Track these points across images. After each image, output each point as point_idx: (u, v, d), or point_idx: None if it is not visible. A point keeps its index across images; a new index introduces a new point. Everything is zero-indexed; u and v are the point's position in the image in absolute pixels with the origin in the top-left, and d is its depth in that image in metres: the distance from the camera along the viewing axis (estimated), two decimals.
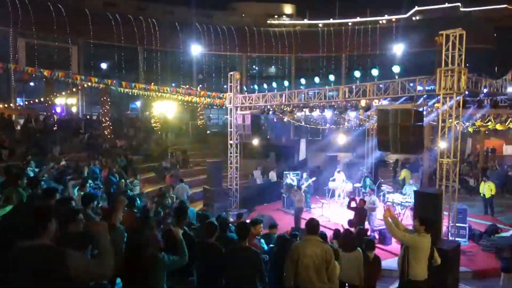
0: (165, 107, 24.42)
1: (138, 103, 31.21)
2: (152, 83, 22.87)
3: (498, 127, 15.51)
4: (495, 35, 31.93)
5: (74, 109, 26.69)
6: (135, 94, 22.42)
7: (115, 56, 30.65)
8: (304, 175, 16.37)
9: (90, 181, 10.53)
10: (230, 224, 6.30)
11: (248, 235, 4.63)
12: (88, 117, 26.20)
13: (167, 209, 9.43)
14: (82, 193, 9.07)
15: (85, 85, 21.73)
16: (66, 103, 25.10)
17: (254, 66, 36.90)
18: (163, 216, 7.67)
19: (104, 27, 28.77)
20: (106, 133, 20.70)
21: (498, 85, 10.61)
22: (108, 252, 2.54)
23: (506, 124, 15.04)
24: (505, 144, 23.79)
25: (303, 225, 10.86)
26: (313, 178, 16.27)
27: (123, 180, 11.80)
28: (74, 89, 23.39)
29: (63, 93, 23.67)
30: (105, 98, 21.55)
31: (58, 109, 23.55)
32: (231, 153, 15.94)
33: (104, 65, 30.09)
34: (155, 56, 31.79)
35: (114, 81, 20.89)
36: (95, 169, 13.69)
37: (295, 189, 14.11)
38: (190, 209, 8.49)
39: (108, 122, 21.20)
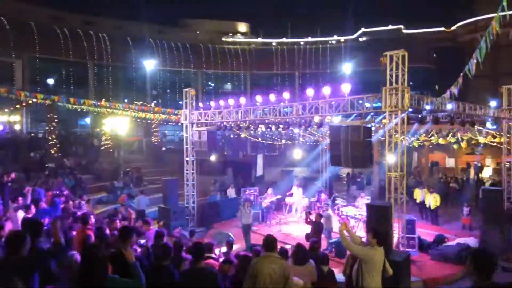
0: (117, 124, 23.59)
1: (88, 120, 29.95)
2: (103, 99, 22.11)
3: (441, 141, 16.64)
4: (434, 55, 34.48)
5: (17, 127, 25.10)
6: (84, 111, 21.53)
7: (63, 71, 29.37)
8: (269, 190, 16.40)
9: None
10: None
11: (204, 255, 4.54)
12: (33, 135, 24.74)
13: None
14: (27, 216, 8.51)
15: (30, 102, 20.56)
16: (8, 120, 23.60)
17: (209, 83, 36.92)
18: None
19: (50, 41, 27.54)
20: (52, 152, 19.61)
21: (438, 103, 11.35)
22: None
23: (447, 138, 16.17)
24: (447, 157, 25.33)
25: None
26: (278, 196, 16.33)
27: (71, 202, 11.18)
28: (17, 106, 22.08)
29: (6, 110, 22.27)
30: (51, 115, 20.50)
31: (0, 127, 22.08)
32: (187, 170, 15.65)
33: (51, 81, 28.73)
34: (106, 71, 30.83)
35: (61, 97, 19.94)
36: (40, 191, 12.93)
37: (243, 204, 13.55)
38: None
39: (55, 140, 20.13)
